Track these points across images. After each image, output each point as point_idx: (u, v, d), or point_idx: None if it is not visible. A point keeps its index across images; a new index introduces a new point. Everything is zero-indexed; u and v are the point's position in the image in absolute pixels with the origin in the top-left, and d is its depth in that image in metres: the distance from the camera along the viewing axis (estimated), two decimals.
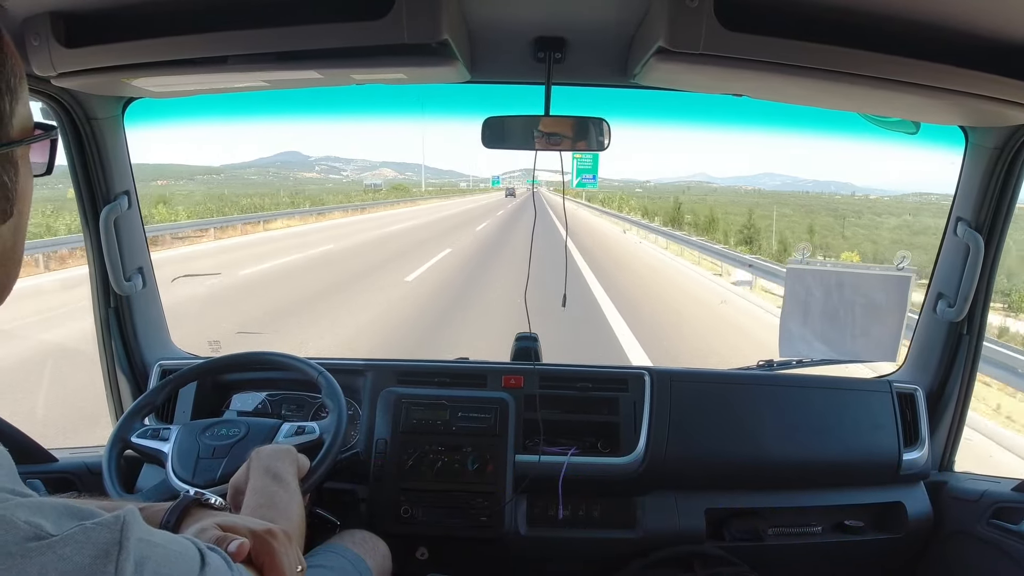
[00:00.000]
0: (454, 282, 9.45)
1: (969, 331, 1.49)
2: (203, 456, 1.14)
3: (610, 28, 1.11)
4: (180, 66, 1.03)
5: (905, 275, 1.52)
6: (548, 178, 1.62)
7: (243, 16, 0.95)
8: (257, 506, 0.81)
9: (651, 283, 10.64)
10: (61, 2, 0.95)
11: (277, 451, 0.95)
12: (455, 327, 6.55)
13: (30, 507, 0.40)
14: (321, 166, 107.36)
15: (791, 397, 1.51)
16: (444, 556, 1.44)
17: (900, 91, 0.98)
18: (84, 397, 3.85)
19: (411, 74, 1.12)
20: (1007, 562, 1.31)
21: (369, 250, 14.08)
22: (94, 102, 1.32)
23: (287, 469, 0.92)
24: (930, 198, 32.00)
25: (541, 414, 1.45)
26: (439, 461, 1.39)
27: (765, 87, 1.13)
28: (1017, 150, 1.31)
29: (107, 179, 1.42)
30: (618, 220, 28.46)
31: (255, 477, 0.88)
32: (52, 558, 0.38)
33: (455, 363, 1.63)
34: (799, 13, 0.92)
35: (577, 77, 1.36)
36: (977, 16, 0.90)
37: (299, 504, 0.86)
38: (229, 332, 5.64)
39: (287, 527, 0.72)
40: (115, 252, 1.45)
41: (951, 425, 1.55)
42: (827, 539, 1.48)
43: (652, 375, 1.51)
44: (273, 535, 0.64)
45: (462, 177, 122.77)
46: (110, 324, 1.53)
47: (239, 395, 1.54)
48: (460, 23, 1.05)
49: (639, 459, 1.44)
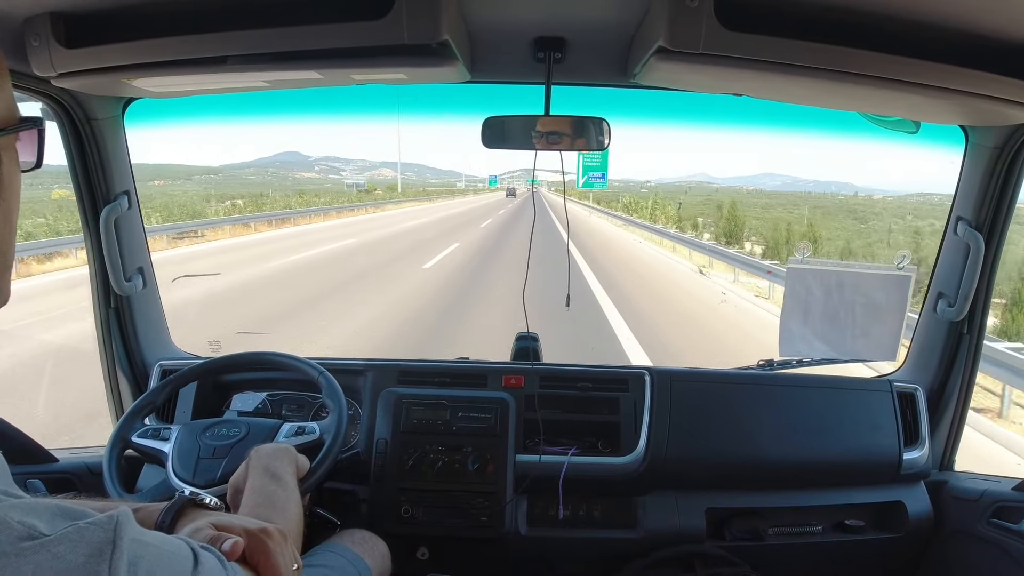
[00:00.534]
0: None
1: (969, 330, 1.49)
2: (203, 456, 1.14)
3: (610, 28, 1.11)
4: (180, 66, 1.03)
5: (905, 275, 1.52)
6: (550, 178, 1.62)
7: (243, 16, 0.94)
8: (255, 505, 0.81)
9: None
10: (61, 2, 0.95)
11: (276, 450, 0.95)
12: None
13: (23, 508, 0.40)
14: (320, 166, 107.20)
15: (791, 397, 1.51)
16: (444, 556, 1.44)
17: (900, 91, 0.98)
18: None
19: (411, 74, 1.12)
20: (1008, 562, 1.31)
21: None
22: (94, 102, 1.32)
23: (286, 468, 0.92)
24: (932, 198, 30.99)
25: (541, 414, 1.45)
26: (439, 461, 1.39)
27: (765, 87, 1.13)
28: (1017, 150, 1.31)
29: (107, 179, 1.42)
30: (652, 234, 19.89)
31: (253, 476, 0.88)
32: (46, 557, 0.38)
33: (455, 363, 1.63)
34: (799, 13, 0.91)
35: (577, 77, 1.36)
36: (978, 16, 0.90)
37: (297, 503, 0.86)
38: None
39: (284, 526, 0.72)
40: (115, 252, 1.45)
41: (951, 425, 1.54)
42: (827, 539, 1.48)
43: (652, 375, 1.51)
44: (268, 534, 0.64)
45: (460, 177, 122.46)
46: (110, 324, 1.53)
47: (239, 395, 1.54)
48: (460, 23, 1.04)
49: (639, 459, 1.44)
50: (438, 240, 15.64)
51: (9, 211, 0.52)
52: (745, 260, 12.56)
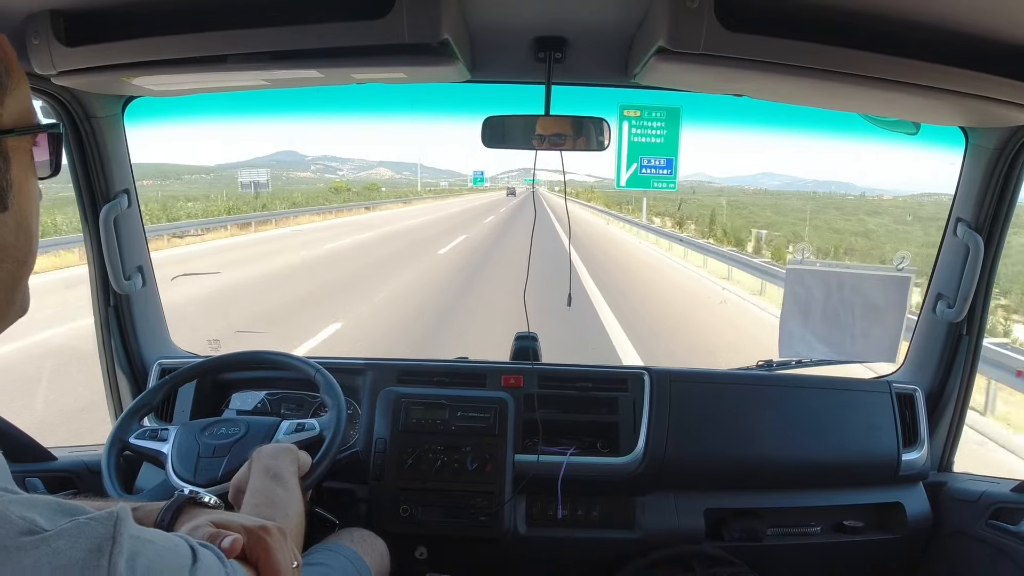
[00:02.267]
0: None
1: (969, 332, 1.49)
2: (203, 455, 1.13)
3: (610, 28, 1.11)
4: (181, 65, 1.03)
5: (905, 276, 1.52)
6: (550, 177, 1.61)
7: (244, 15, 0.95)
8: (256, 504, 0.82)
9: None
10: (61, 0, 0.95)
11: (277, 450, 0.96)
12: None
13: (24, 503, 0.40)
14: (317, 165, 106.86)
15: (791, 397, 1.51)
16: (443, 555, 1.44)
17: (900, 92, 0.99)
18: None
19: (411, 74, 1.12)
20: (1006, 562, 1.31)
21: None
22: (94, 100, 1.32)
23: (287, 468, 0.92)
24: (940, 198, 29.85)
25: (540, 414, 1.45)
26: (438, 461, 1.39)
27: (765, 87, 1.13)
28: (1017, 151, 1.31)
29: (107, 178, 1.42)
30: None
31: (255, 477, 0.89)
32: (46, 551, 0.38)
33: (454, 363, 1.63)
34: (799, 13, 0.92)
35: (577, 77, 1.36)
36: (977, 16, 0.90)
37: (298, 502, 0.86)
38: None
39: (284, 524, 0.72)
40: (115, 251, 1.45)
41: (950, 426, 1.55)
42: (826, 539, 1.48)
43: (651, 375, 1.51)
44: (267, 531, 0.64)
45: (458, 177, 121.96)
46: (109, 323, 1.53)
47: (238, 394, 1.54)
48: (460, 23, 1.04)
49: (638, 459, 1.44)
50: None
51: (22, 217, 0.50)
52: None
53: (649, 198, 25.60)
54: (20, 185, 0.50)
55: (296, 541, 0.78)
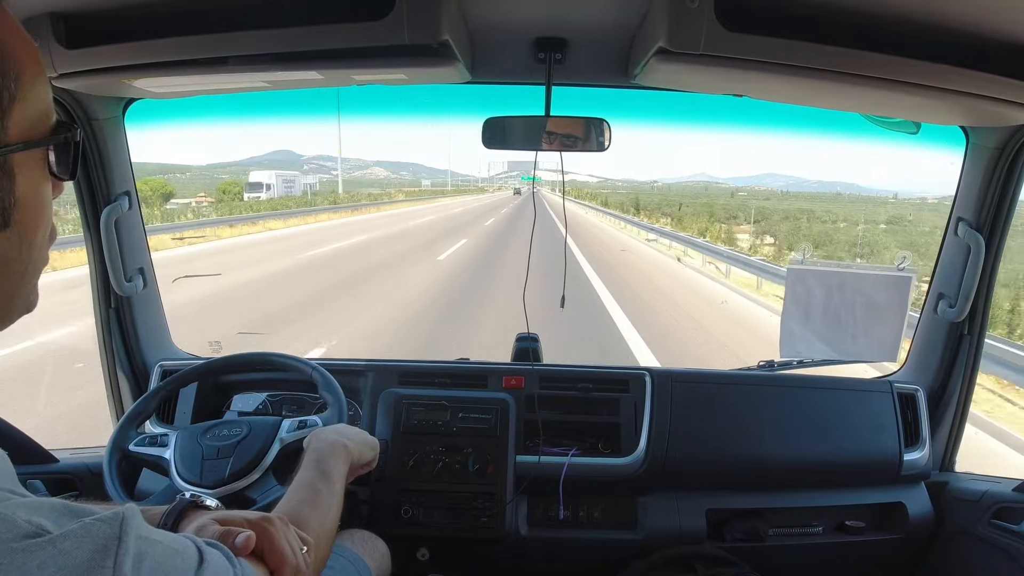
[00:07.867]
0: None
1: (970, 331, 1.49)
2: (208, 457, 1.13)
3: (610, 29, 1.11)
4: (181, 67, 1.03)
5: (905, 275, 1.52)
6: (551, 178, 1.62)
7: (244, 17, 0.95)
8: (297, 501, 0.78)
9: None
10: (61, 3, 0.95)
11: (334, 446, 0.92)
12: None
13: (29, 506, 0.40)
14: (310, 165, 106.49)
15: (792, 397, 1.51)
16: (444, 557, 1.44)
17: (901, 91, 0.99)
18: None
19: (412, 74, 1.12)
20: (1008, 562, 1.31)
21: None
22: (95, 103, 1.32)
23: (338, 468, 0.89)
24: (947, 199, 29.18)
25: (542, 415, 1.45)
26: (440, 462, 1.39)
27: (766, 87, 1.13)
28: (1017, 150, 1.31)
29: (108, 180, 1.42)
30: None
31: (305, 467, 0.86)
32: (52, 553, 0.38)
33: (455, 364, 1.63)
34: (800, 14, 0.92)
35: (578, 78, 1.36)
36: (977, 16, 0.90)
37: (339, 508, 0.83)
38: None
39: (319, 531, 0.71)
40: (116, 253, 1.45)
41: (952, 425, 1.54)
42: (828, 539, 1.48)
43: (653, 376, 1.51)
44: (270, 521, 0.64)
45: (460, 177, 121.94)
46: (111, 325, 1.53)
47: (240, 396, 1.54)
48: (461, 24, 1.05)
49: (640, 460, 1.44)
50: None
51: (26, 231, 0.48)
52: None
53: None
54: (27, 200, 0.47)
55: (327, 547, 0.76)
